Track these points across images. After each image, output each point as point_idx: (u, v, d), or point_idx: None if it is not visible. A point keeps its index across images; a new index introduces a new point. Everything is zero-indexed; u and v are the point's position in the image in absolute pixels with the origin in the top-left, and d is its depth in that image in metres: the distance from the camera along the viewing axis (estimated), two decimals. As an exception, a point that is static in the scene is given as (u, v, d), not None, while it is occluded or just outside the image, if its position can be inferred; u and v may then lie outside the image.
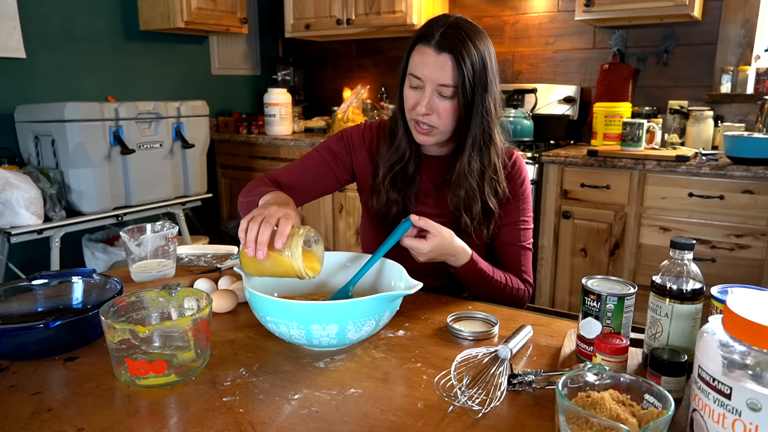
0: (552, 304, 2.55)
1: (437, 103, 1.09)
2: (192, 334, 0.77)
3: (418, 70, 1.09)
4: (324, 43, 3.73)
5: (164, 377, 0.75)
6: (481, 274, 1.11)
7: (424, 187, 1.22)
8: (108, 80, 2.96)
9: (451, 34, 1.06)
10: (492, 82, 1.10)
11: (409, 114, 1.14)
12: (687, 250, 0.74)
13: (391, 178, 1.19)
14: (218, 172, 3.52)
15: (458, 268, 1.09)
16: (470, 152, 1.13)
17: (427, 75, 1.07)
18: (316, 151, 1.28)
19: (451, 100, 1.09)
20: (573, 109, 2.88)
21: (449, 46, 1.05)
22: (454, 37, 1.05)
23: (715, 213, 2.14)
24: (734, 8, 2.50)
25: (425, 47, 1.07)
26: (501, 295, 1.15)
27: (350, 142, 1.28)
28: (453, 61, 1.05)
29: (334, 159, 1.27)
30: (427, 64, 1.07)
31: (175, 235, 1.17)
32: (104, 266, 2.59)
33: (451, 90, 1.07)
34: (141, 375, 0.74)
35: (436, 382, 0.76)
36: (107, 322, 0.74)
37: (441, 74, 1.06)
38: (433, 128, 1.12)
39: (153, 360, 0.74)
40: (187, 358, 0.77)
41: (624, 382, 0.60)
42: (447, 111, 1.09)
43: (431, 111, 1.09)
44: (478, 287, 1.13)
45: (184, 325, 0.76)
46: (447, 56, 1.06)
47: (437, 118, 1.10)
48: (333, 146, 1.28)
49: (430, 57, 1.06)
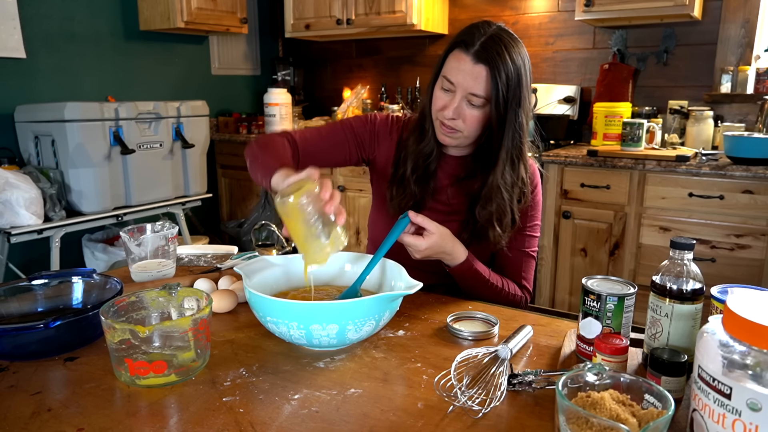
0: (552, 304, 2.55)
1: (465, 111, 1.09)
2: (192, 334, 0.77)
3: (452, 75, 1.08)
4: (324, 43, 3.73)
5: (164, 377, 0.75)
6: (477, 276, 1.12)
7: (440, 183, 1.23)
8: (108, 80, 2.96)
9: (491, 46, 1.06)
10: (525, 98, 1.11)
11: (435, 113, 1.14)
12: (687, 250, 0.74)
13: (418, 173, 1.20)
14: (218, 172, 3.53)
15: (453, 268, 1.10)
16: (503, 166, 1.13)
17: (461, 82, 1.07)
18: (337, 124, 1.27)
19: (480, 110, 1.09)
20: (573, 109, 2.88)
21: (487, 57, 1.05)
22: (493, 50, 1.05)
23: (715, 213, 2.14)
24: (734, 8, 2.50)
25: (463, 54, 1.07)
26: (497, 297, 1.15)
27: (376, 129, 1.27)
28: (488, 74, 1.06)
29: (354, 137, 1.26)
30: (462, 71, 1.07)
31: (175, 235, 1.17)
32: (104, 266, 2.59)
33: (482, 101, 1.08)
34: (141, 375, 0.74)
35: (436, 382, 0.76)
36: (107, 322, 0.74)
37: (474, 84, 1.07)
38: (457, 132, 1.12)
39: (153, 360, 0.74)
40: (187, 358, 0.77)
41: (624, 382, 0.60)
42: (474, 119, 1.10)
43: (458, 117, 1.10)
44: (473, 288, 1.14)
45: (184, 325, 0.76)
46: (483, 67, 1.06)
47: (462, 123, 1.10)
48: (356, 125, 1.27)
49: (467, 65, 1.06)
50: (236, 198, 3.50)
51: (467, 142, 1.16)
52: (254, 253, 1.28)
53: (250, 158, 1.17)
